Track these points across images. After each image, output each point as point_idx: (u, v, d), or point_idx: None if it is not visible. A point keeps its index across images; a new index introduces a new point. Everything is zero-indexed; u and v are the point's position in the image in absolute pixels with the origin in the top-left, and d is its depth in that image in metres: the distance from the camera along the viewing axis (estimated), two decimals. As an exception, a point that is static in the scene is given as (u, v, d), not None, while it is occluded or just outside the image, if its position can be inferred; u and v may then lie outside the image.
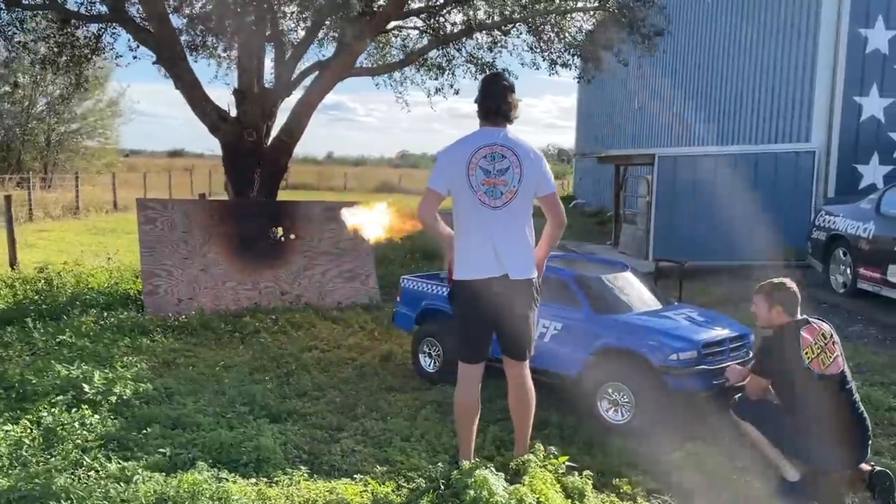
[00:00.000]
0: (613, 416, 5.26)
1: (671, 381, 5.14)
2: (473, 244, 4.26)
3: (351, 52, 9.19)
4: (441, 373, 6.24)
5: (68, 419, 4.63)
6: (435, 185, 4.25)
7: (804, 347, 4.27)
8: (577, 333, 5.55)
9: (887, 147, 13.71)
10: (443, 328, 6.36)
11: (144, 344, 7.05)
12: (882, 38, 13.48)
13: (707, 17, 18.02)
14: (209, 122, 9.37)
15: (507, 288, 4.24)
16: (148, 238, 8.89)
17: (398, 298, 7.04)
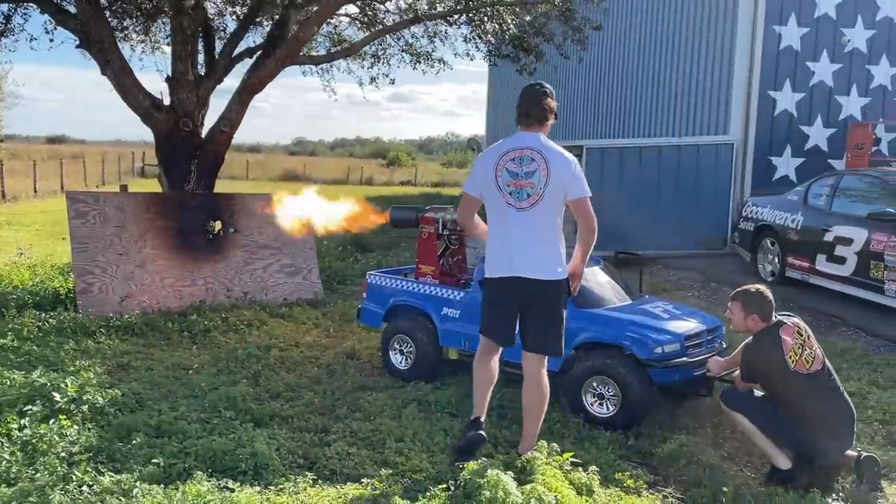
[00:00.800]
0: (599, 409, 5.35)
1: (656, 373, 5.27)
2: (494, 244, 4.36)
3: (297, 39, 8.98)
4: (413, 370, 6.24)
5: (46, 430, 4.37)
6: (469, 189, 4.49)
7: (787, 352, 4.46)
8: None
9: (799, 140, 14.47)
10: (415, 324, 6.34)
11: (91, 346, 6.73)
12: (795, 35, 14.19)
13: (629, 13, 18.49)
14: (142, 110, 8.96)
15: (523, 286, 4.29)
16: (79, 233, 8.47)
17: (364, 295, 6.94)
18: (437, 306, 6.26)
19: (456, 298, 6.18)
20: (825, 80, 14.36)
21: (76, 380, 5.19)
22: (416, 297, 6.46)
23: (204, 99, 9.36)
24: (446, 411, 5.46)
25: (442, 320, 6.20)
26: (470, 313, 6.00)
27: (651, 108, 16.94)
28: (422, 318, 6.37)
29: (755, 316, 4.62)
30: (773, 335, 4.51)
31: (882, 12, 14.27)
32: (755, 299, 4.65)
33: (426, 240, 6.55)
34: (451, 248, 6.66)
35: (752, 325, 4.65)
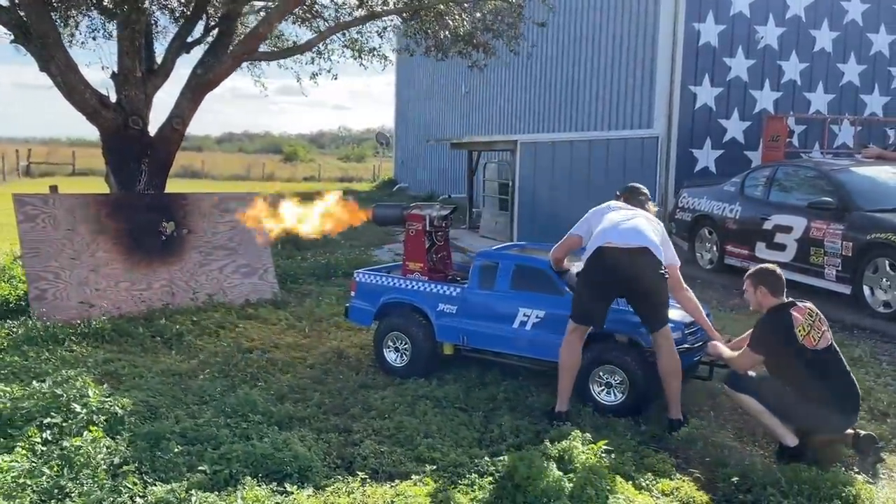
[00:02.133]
0: (607, 398, 5.57)
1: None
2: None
3: (256, 35, 8.84)
4: (410, 366, 6.32)
5: (81, 442, 4.24)
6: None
7: (796, 326, 4.81)
8: (561, 321, 5.69)
9: (718, 133, 15.24)
10: (410, 320, 6.42)
11: (67, 355, 6.49)
12: (713, 31, 14.93)
13: (559, 11, 18.93)
14: (89, 108, 8.61)
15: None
16: (29, 237, 8.12)
17: (353, 293, 6.96)
18: (433, 302, 6.35)
19: (452, 294, 6.31)
20: (741, 75, 15.16)
21: (97, 390, 5.03)
22: (409, 294, 6.53)
23: (150, 96, 9.09)
24: (456, 406, 5.58)
25: (438, 316, 6.30)
26: (467, 309, 6.17)
27: (581, 103, 17.43)
28: (416, 315, 6.46)
29: (762, 288, 4.95)
30: (784, 311, 4.86)
31: (791, 11, 15.18)
32: (763, 272, 5.01)
33: (414, 237, 6.66)
34: (436, 245, 6.79)
35: (761, 298, 4.97)
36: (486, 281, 6.15)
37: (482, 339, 6.12)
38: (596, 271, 5.31)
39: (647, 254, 5.25)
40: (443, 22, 9.65)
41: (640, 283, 5.27)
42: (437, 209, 6.80)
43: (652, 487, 4.35)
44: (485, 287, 6.15)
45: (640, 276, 5.24)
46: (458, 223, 18.32)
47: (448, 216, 6.85)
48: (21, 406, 4.75)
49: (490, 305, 6.09)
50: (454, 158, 25.75)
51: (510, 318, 5.96)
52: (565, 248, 5.83)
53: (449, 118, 27.19)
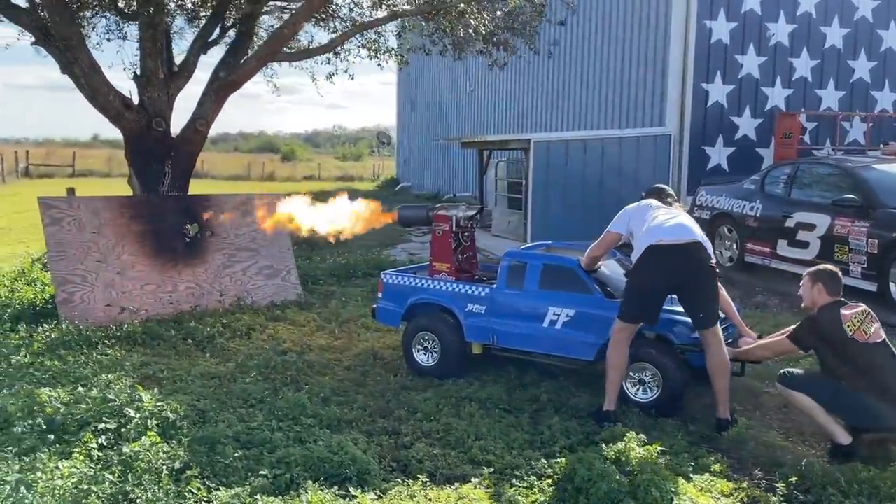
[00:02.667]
0: (643, 395, 5.58)
1: (694, 357, 5.52)
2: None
3: (281, 36, 8.82)
4: (439, 366, 6.35)
5: (140, 448, 4.23)
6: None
7: (845, 322, 4.82)
8: (591, 319, 5.79)
9: (730, 130, 15.26)
10: (438, 321, 6.44)
11: (103, 358, 6.48)
12: (724, 29, 14.95)
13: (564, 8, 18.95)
14: (113, 111, 8.57)
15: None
16: (56, 241, 8.10)
17: (380, 294, 6.98)
18: (462, 303, 6.36)
19: (481, 294, 6.31)
20: (752, 72, 15.19)
21: (150, 395, 5.02)
22: (437, 294, 6.54)
23: (173, 97, 9.06)
24: (501, 407, 5.58)
25: (467, 316, 6.31)
26: (496, 309, 6.18)
27: (594, 101, 17.42)
28: (445, 315, 6.47)
29: (820, 285, 4.98)
30: (834, 309, 4.88)
31: (802, 8, 15.21)
32: (824, 271, 5.05)
33: (441, 237, 6.65)
34: (462, 245, 6.78)
35: (817, 296, 4.98)
36: (514, 281, 6.18)
37: (512, 339, 6.15)
38: (650, 269, 5.30)
39: (700, 249, 5.30)
40: (464, 21, 9.63)
41: (693, 278, 5.29)
42: (462, 209, 6.82)
43: (711, 489, 4.35)
44: (513, 287, 6.17)
45: (695, 271, 5.27)
46: (469, 222, 18.31)
47: (474, 216, 6.88)
48: (73, 411, 4.73)
49: (519, 305, 6.12)
50: (459, 157, 25.74)
51: (540, 317, 5.99)
52: (605, 245, 5.81)
53: (453, 117, 27.17)
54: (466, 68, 24.64)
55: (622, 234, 5.65)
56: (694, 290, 5.31)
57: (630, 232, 5.59)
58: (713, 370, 5.29)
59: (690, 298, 5.35)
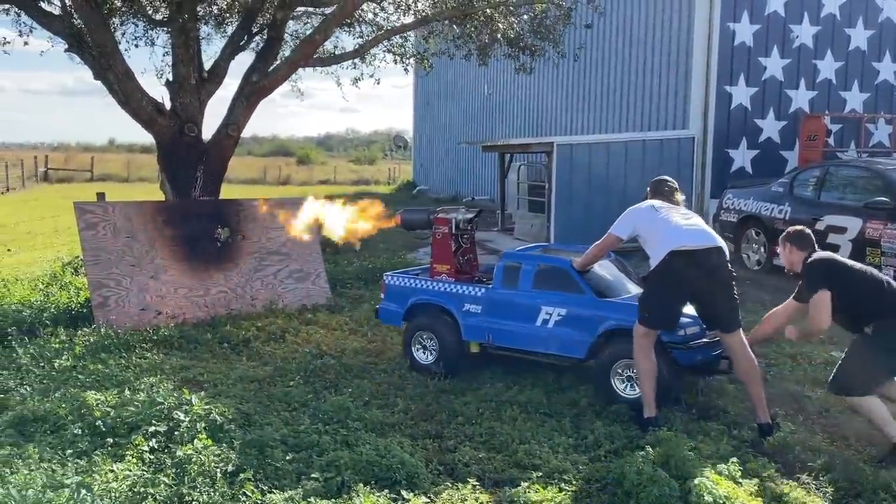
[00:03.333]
0: (630, 391, 5.68)
1: (680, 355, 5.63)
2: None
3: (313, 42, 8.88)
4: (437, 363, 6.52)
5: (192, 451, 4.27)
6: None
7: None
8: (582, 318, 5.94)
9: (754, 133, 15.21)
10: (437, 320, 6.63)
11: (143, 362, 6.55)
12: (748, 31, 14.91)
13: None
14: (146, 116, 8.64)
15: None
16: (91, 245, 8.17)
17: (382, 295, 7.17)
18: (459, 303, 6.54)
19: (478, 294, 6.48)
20: (776, 74, 15.14)
21: (201, 398, 5.07)
22: (436, 294, 6.72)
23: (204, 103, 9.14)
24: (541, 412, 5.60)
25: (464, 316, 6.49)
26: (491, 308, 6.35)
27: (616, 104, 17.41)
28: (443, 315, 6.64)
29: (790, 245, 5.22)
30: (816, 252, 5.13)
31: (826, 9, 15.15)
32: (790, 233, 5.29)
33: (441, 240, 6.84)
34: (463, 247, 6.97)
35: (791, 255, 5.21)
36: (509, 281, 6.34)
37: (507, 338, 6.31)
38: (672, 275, 5.28)
39: (721, 254, 5.34)
40: (491, 25, 9.66)
41: (715, 284, 5.29)
42: (462, 212, 7.00)
43: (761, 494, 4.35)
44: (508, 287, 6.33)
45: (717, 275, 5.29)
46: (491, 226, 18.33)
47: (473, 219, 7.03)
48: (122, 414, 4.78)
49: (514, 304, 6.27)
50: (477, 160, 25.76)
51: (533, 316, 6.14)
52: (604, 247, 5.89)
53: (471, 120, 27.19)
54: (485, 71, 24.66)
55: (623, 237, 5.68)
56: (715, 296, 5.31)
57: (636, 235, 5.61)
58: (743, 376, 5.34)
59: (711, 304, 5.37)
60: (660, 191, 5.79)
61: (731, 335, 5.32)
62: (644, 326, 5.35)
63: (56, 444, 4.54)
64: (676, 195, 5.77)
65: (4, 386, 5.74)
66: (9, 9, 9.65)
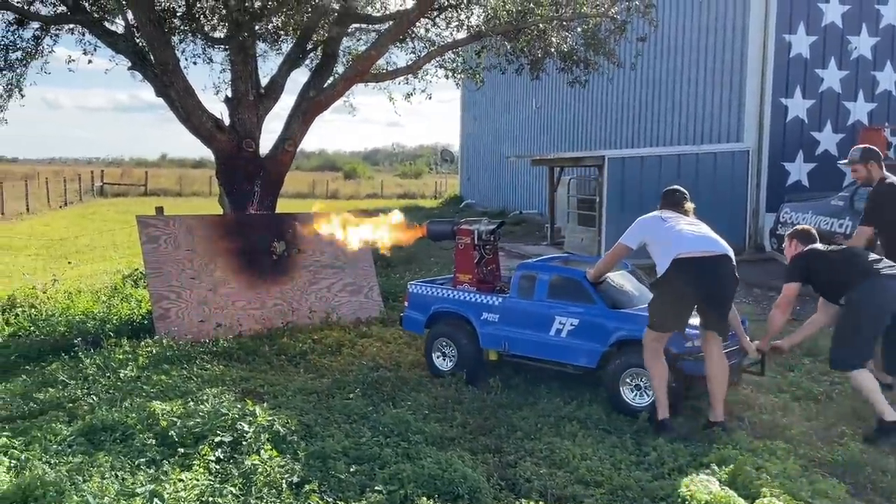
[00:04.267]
0: (639, 400, 5.80)
1: (688, 365, 5.75)
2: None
3: (369, 57, 8.99)
4: (456, 370, 6.71)
5: (259, 461, 4.34)
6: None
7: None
8: (593, 328, 6.08)
9: (810, 146, 14.95)
10: (456, 328, 6.83)
11: (204, 373, 6.66)
12: (804, 43, 14.69)
13: (646, 25, 18.84)
14: (206, 132, 8.82)
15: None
16: (153, 258, 8.35)
17: (406, 303, 7.40)
18: (478, 311, 6.73)
19: (495, 304, 6.65)
20: (833, 86, 14.88)
21: (264, 409, 5.15)
22: (456, 303, 6.93)
23: (262, 119, 9.30)
24: (601, 427, 5.56)
25: (482, 324, 6.67)
26: (508, 317, 6.53)
27: (667, 117, 17.27)
28: (463, 323, 6.83)
29: (795, 241, 5.89)
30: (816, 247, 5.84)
31: (885, 20, 14.86)
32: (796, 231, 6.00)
33: (463, 250, 7.04)
34: (485, 258, 7.12)
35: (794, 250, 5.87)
36: (525, 291, 6.52)
37: (522, 346, 6.47)
38: (677, 281, 5.39)
39: (728, 261, 5.45)
40: (544, 40, 9.67)
41: (720, 290, 5.45)
42: (484, 224, 7.18)
43: (832, 514, 4.26)
44: (524, 297, 6.51)
45: (723, 282, 5.44)
46: (540, 239, 18.29)
47: (495, 230, 7.20)
48: (187, 424, 4.87)
49: (529, 314, 6.43)
50: (525, 174, 25.73)
51: (547, 325, 6.30)
52: (614, 257, 6.05)
53: (519, 134, 27.20)
54: (533, 85, 24.66)
55: (632, 246, 5.81)
56: (718, 301, 5.49)
57: (644, 244, 5.73)
58: (713, 376, 5.48)
59: (712, 308, 5.49)
60: (671, 200, 5.91)
61: (715, 336, 5.49)
62: (653, 331, 5.49)
63: (126, 452, 4.64)
64: (686, 204, 5.89)
65: (73, 395, 5.90)
66: (73, 28, 9.96)
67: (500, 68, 11.60)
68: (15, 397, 5.94)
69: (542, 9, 9.40)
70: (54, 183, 35.29)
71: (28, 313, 8.62)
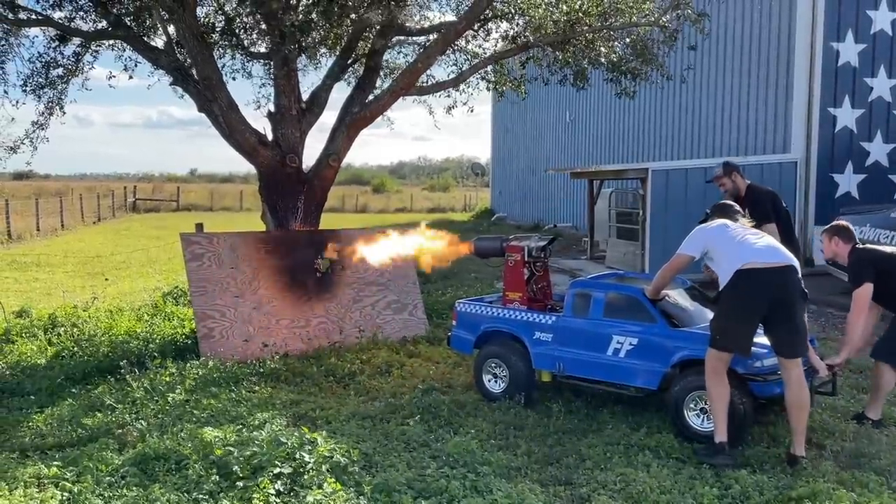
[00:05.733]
0: (707, 424, 5.40)
1: (757, 387, 5.42)
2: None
3: (415, 70, 8.79)
4: (507, 391, 6.46)
5: (321, 495, 4.09)
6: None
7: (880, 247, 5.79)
8: (654, 348, 5.79)
9: (860, 156, 14.55)
10: (507, 348, 6.58)
11: (253, 396, 6.45)
12: (852, 51, 14.32)
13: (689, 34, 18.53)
14: (249, 147, 8.65)
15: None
16: (197, 276, 8.17)
17: (454, 322, 7.18)
18: (530, 331, 6.47)
19: (548, 323, 6.40)
20: (883, 95, 14.49)
21: (324, 439, 4.90)
22: (507, 322, 6.68)
23: (305, 133, 9.12)
24: (674, 457, 5.25)
25: (534, 344, 6.42)
26: (562, 337, 6.28)
27: (710, 128, 16.94)
28: (514, 343, 6.60)
29: (836, 238, 5.75)
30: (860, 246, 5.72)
31: (937, 27, 14.45)
32: (835, 226, 5.88)
33: (513, 267, 6.80)
34: (536, 275, 6.89)
35: (836, 247, 5.76)
36: (580, 309, 6.27)
37: (577, 367, 6.21)
38: (743, 293, 5.07)
39: (794, 272, 5.11)
40: (595, 50, 9.41)
41: (786, 303, 5.07)
42: (535, 240, 6.92)
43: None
44: (579, 315, 6.26)
45: (789, 294, 5.06)
46: (579, 254, 17.97)
47: (547, 247, 6.94)
48: (244, 454, 4.63)
49: (584, 333, 6.18)
50: (559, 187, 25.46)
51: (604, 345, 6.03)
52: (675, 268, 5.64)
53: (552, 146, 26.94)
54: (566, 97, 24.44)
55: (695, 256, 5.47)
56: (785, 317, 5.07)
57: (707, 254, 5.42)
58: (792, 405, 5.09)
59: (779, 324, 5.09)
60: (727, 213, 5.62)
61: (792, 361, 5.08)
62: (715, 349, 5.15)
63: (181, 484, 4.42)
64: (743, 221, 5.58)
65: (121, 420, 5.70)
66: (113, 44, 9.87)
67: (542, 79, 11.36)
68: (63, 423, 5.77)
69: (591, 18, 9.15)
70: (87, 199, 35.51)
71: (70, 332, 8.48)
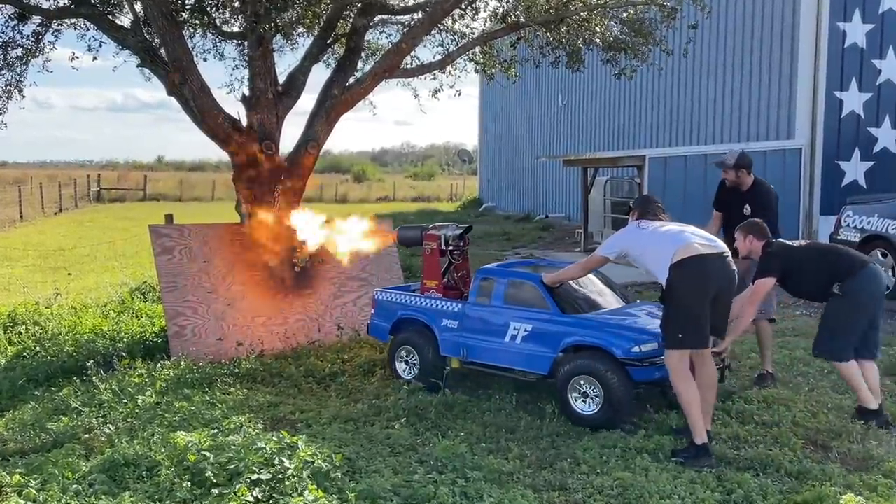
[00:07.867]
0: (583, 406, 5.93)
1: (636, 372, 5.82)
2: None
3: (399, 51, 8.75)
4: (418, 378, 6.89)
5: (302, 503, 4.10)
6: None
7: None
8: (545, 334, 6.24)
9: (868, 143, 14.65)
10: (418, 335, 7.04)
11: (228, 398, 6.44)
12: (860, 31, 14.41)
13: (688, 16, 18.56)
14: (222, 133, 8.58)
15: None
16: (167, 271, 8.15)
17: (373, 310, 7.63)
18: (438, 318, 6.90)
19: (454, 310, 6.82)
20: (892, 78, 14.61)
21: (307, 443, 4.90)
22: (418, 310, 7.11)
23: (282, 119, 9.06)
24: (673, 460, 5.29)
25: (442, 331, 6.84)
26: (466, 324, 6.70)
27: (710, 113, 17.00)
28: (425, 330, 7.02)
29: (750, 237, 6.05)
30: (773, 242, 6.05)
31: (949, 6, 14.56)
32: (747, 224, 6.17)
33: (430, 256, 7.21)
34: (454, 264, 7.26)
35: (751, 245, 6.03)
36: (483, 296, 6.70)
37: (478, 353, 6.64)
38: (692, 282, 5.22)
39: (731, 261, 5.41)
40: (589, 29, 9.41)
41: (729, 288, 5.40)
42: (452, 228, 7.29)
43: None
44: (482, 302, 6.69)
45: (730, 281, 5.38)
46: (571, 245, 18.02)
47: (463, 235, 7.29)
48: (220, 460, 4.63)
49: (486, 320, 6.64)
50: (551, 176, 25.49)
51: (503, 331, 6.47)
52: (588, 267, 6.24)
53: (544, 132, 26.94)
54: (558, 80, 24.44)
55: (611, 257, 5.82)
56: (725, 302, 5.42)
57: (625, 254, 5.69)
58: (706, 384, 5.41)
59: (719, 310, 5.37)
60: (648, 209, 5.82)
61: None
62: (677, 350, 5.30)
63: (153, 492, 4.41)
64: (664, 216, 5.81)
65: (88, 425, 5.68)
66: (76, 23, 9.76)
67: (533, 61, 11.35)
68: (26, 427, 5.75)
69: (585, -6, 9.15)
70: (48, 188, 35.19)
71: (32, 331, 8.43)
